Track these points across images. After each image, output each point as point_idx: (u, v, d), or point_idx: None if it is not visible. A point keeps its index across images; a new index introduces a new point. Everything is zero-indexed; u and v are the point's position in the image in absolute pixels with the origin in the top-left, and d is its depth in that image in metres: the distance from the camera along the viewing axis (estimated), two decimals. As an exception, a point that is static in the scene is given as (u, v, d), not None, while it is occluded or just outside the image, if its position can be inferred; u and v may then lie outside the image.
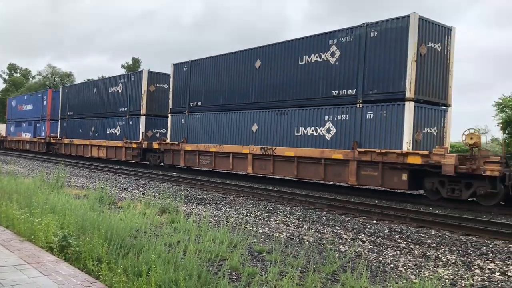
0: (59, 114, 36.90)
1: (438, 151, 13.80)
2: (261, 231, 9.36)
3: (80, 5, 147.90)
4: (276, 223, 10.58)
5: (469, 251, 8.28)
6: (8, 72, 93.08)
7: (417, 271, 6.79)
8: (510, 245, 8.80)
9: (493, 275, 6.83)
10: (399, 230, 9.96)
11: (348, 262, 6.82)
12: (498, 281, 6.49)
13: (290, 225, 10.49)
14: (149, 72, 27.68)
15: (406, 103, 14.56)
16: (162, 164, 25.49)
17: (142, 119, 27.06)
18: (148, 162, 26.75)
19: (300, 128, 17.71)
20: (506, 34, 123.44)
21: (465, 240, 9.15)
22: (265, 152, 18.66)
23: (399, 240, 9.07)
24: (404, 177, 14.45)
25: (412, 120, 14.58)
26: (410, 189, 15.10)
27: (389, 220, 11.18)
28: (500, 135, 28.34)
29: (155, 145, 25.30)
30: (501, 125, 27.09)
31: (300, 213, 11.85)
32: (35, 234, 6.59)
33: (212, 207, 12.49)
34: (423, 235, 9.48)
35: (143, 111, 27.12)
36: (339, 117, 16.44)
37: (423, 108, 15.10)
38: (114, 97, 29.90)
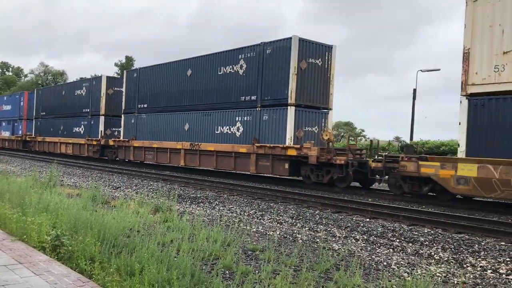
0: (34, 114, 40.38)
1: (306, 145, 17.27)
2: (254, 229, 9.36)
3: (75, 4, 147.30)
4: (269, 222, 10.59)
5: (462, 248, 8.34)
6: (0, 70, 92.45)
7: (410, 269, 6.82)
8: (501, 243, 8.87)
9: (485, 272, 6.89)
10: (392, 228, 10.01)
11: (342, 260, 6.85)
12: (490, 279, 6.53)
13: (284, 223, 10.51)
14: (108, 77, 31.69)
15: (289, 107, 18.13)
16: (117, 159, 28.91)
17: (101, 118, 30.72)
18: (106, 157, 30.42)
19: (219, 127, 21.36)
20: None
21: (458, 238, 9.21)
22: (193, 147, 22.36)
23: (392, 238, 9.12)
24: (286, 166, 18.14)
25: (293, 121, 18.15)
26: (291, 176, 18.65)
27: (382, 218, 11.23)
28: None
29: (111, 142, 29.13)
30: None
31: (293, 212, 11.87)
32: (28, 233, 6.55)
33: (206, 206, 12.48)
34: (416, 233, 9.53)
35: (102, 111, 30.74)
36: (245, 118, 20.03)
37: (304, 111, 18.59)
38: (79, 99, 33.61)
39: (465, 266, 7.24)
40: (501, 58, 12.68)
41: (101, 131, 30.53)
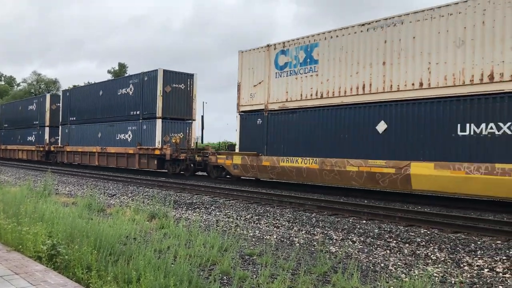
0: None
1: (165, 147, 24.66)
2: (251, 234, 9.35)
3: (68, 12, 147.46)
4: (266, 226, 10.58)
5: (458, 248, 8.37)
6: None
7: (407, 269, 6.84)
8: (498, 241, 8.91)
9: (482, 271, 6.91)
10: (388, 229, 10.03)
11: (339, 262, 6.86)
12: (487, 277, 6.56)
13: (281, 227, 10.50)
14: (51, 95, 39.71)
15: (157, 120, 25.36)
16: (57, 161, 35.86)
17: (47, 129, 37.69)
18: (50, 160, 36.70)
19: (118, 134, 28.58)
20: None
21: (454, 237, 9.25)
22: (103, 150, 29.60)
23: (388, 240, 9.13)
24: (155, 162, 25.12)
25: (161, 129, 25.30)
26: (159, 169, 25.41)
27: (379, 220, 11.25)
28: None
29: (52, 148, 36.46)
30: None
31: (290, 215, 11.87)
32: (23, 243, 6.51)
33: (202, 211, 12.46)
34: (413, 234, 9.56)
35: (47, 123, 37.72)
36: (133, 128, 27.28)
37: (170, 122, 25.79)
38: (31, 113, 40.32)
39: (462, 265, 7.26)
40: (253, 89, 19.72)
41: (46, 139, 37.52)
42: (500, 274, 6.79)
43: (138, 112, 26.89)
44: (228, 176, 21.82)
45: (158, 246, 6.86)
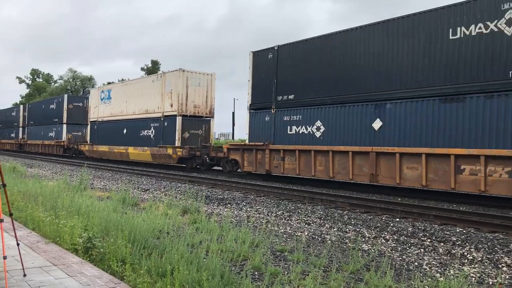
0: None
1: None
2: (282, 230, 9.34)
3: (106, 12, 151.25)
4: (297, 223, 10.54)
5: (496, 248, 8.12)
6: (31, 77, 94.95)
7: (442, 269, 6.69)
8: (538, 242, 8.60)
9: (521, 272, 6.68)
10: (422, 228, 9.83)
11: (372, 261, 6.77)
12: (527, 279, 6.34)
13: (312, 224, 10.45)
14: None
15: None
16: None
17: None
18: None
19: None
20: None
21: (491, 237, 8.97)
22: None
23: (423, 238, 8.95)
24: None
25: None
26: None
27: (412, 218, 11.04)
28: None
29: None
30: None
31: (321, 212, 11.79)
32: (61, 236, 6.70)
33: (233, 207, 12.52)
34: (448, 233, 9.33)
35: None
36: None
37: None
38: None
39: (500, 266, 7.04)
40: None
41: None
42: (541, 275, 6.55)
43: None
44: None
45: (191, 241, 6.93)
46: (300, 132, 18.66)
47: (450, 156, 13.38)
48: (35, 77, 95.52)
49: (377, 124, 15.76)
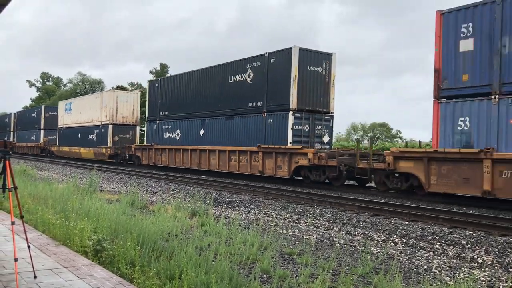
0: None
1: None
2: (291, 233, 9.33)
3: (118, 16, 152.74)
4: (306, 225, 10.53)
5: (506, 252, 8.05)
6: (41, 80, 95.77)
7: (451, 272, 6.64)
8: (549, 246, 8.52)
9: (532, 276, 6.62)
10: (432, 231, 9.77)
11: (381, 264, 6.74)
12: (538, 283, 6.28)
13: (320, 227, 10.42)
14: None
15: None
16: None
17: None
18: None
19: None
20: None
21: (502, 240, 8.89)
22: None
23: (432, 241, 8.90)
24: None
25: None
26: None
27: (421, 221, 10.97)
28: None
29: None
30: None
31: (330, 215, 11.76)
32: (71, 238, 6.74)
33: (242, 210, 12.53)
34: (457, 236, 9.27)
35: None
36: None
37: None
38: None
39: (510, 270, 6.98)
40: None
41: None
42: (552, 279, 6.49)
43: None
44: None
45: (199, 243, 6.95)
46: (170, 136, 28.19)
47: (226, 151, 22.87)
48: (45, 80, 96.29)
49: (202, 131, 25.41)
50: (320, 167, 18.19)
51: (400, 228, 10.09)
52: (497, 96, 13.19)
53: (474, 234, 9.48)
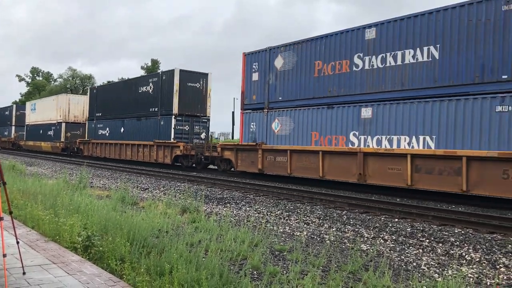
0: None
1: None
2: (281, 230, 9.36)
3: (115, 14, 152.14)
4: (296, 222, 10.56)
5: (494, 249, 8.14)
6: (31, 75, 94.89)
7: (440, 269, 6.71)
8: (536, 243, 8.63)
9: (519, 273, 6.70)
10: (421, 228, 9.85)
11: (370, 261, 6.79)
12: (525, 280, 6.36)
13: (311, 224, 10.47)
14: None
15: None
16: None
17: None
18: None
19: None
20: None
21: (490, 238, 9.00)
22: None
23: (421, 239, 8.97)
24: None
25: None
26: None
27: (411, 219, 11.06)
28: None
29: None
30: None
31: (320, 212, 11.81)
32: (60, 234, 6.71)
33: (233, 207, 12.54)
34: (446, 234, 9.35)
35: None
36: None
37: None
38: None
39: (498, 267, 7.06)
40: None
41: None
42: (539, 276, 6.57)
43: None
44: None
45: (190, 240, 6.94)
46: (103, 133, 34.35)
47: (135, 145, 29.66)
48: (35, 75, 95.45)
49: (122, 130, 31.52)
50: (188, 155, 25.25)
51: (390, 225, 10.16)
52: (266, 110, 20.58)
53: (462, 232, 9.57)
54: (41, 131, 44.40)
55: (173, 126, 26.32)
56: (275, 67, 19.98)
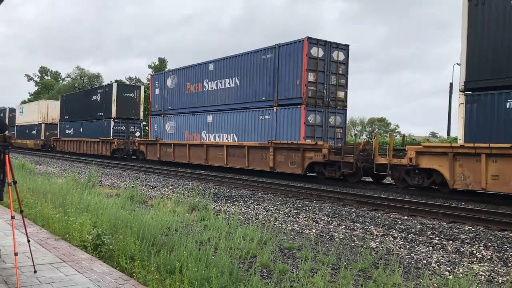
0: None
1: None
2: (290, 228, 9.34)
3: (123, 12, 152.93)
4: (305, 220, 10.54)
5: (505, 246, 8.07)
6: (40, 75, 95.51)
7: (451, 267, 6.66)
8: (548, 240, 8.54)
9: (531, 271, 6.64)
10: (431, 225, 9.78)
11: (380, 258, 6.75)
12: (537, 278, 6.30)
13: (320, 221, 10.44)
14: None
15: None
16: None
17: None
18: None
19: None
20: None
21: (501, 235, 8.92)
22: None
23: (431, 236, 8.91)
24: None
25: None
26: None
27: (421, 216, 10.99)
28: None
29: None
30: None
31: (329, 210, 11.78)
32: (70, 232, 6.74)
33: (241, 205, 12.54)
34: (456, 231, 9.29)
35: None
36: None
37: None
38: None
39: (509, 264, 7.00)
40: None
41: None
42: (551, 274, 6.51)
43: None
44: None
45: (199, 238, 6.95)
46: (69, 132, 42.88)
47: (87, 141, 38.68)
48: (43, 74, 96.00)
49: (81, 129, 40.16)
50: (121, 149, 33.32)
51: (399, 222, 10.10)
52: (163, 115, 29.59)
53: (473, 229, 9.50)
54: (27, 131, 52.78)
55: (112, 126, 35.51)
56: (167, 85, 28.92)
